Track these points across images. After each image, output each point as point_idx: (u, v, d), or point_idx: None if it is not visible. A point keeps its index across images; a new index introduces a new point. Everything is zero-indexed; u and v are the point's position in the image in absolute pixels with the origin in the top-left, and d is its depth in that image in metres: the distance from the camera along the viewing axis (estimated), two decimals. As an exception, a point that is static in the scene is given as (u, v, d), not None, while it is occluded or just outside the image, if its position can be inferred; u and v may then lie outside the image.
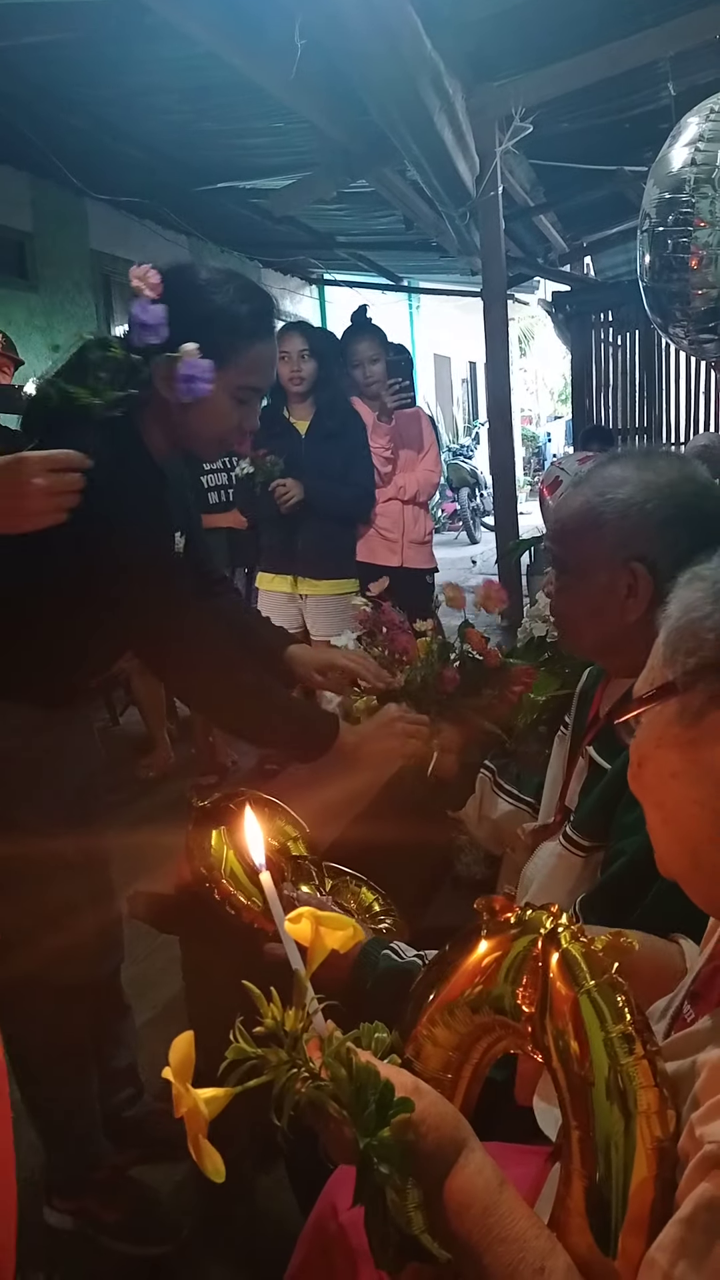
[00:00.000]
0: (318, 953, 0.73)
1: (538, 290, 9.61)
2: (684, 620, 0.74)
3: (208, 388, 1.39)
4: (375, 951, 1.18)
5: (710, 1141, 0.63)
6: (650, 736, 0.75)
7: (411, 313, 12.56)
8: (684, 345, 2.76)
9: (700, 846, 0.73)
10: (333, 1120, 0.68)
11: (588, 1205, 0.68)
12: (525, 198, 5.55)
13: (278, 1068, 0.69)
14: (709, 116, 2.44)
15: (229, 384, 1.44)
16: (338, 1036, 0.72)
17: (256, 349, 1.45)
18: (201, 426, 1.47)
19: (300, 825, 1.43)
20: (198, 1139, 0.66)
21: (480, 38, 3.60)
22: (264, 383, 1.50)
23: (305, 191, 4.70)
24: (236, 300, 1.44)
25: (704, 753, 0.71)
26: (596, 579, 1.23)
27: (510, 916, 0.78)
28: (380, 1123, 0.67)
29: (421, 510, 3.99)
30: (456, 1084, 0.81)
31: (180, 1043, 0.67)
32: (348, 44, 2.90)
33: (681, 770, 0.73)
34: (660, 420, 7.88)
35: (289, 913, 0.74)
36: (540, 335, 17.47)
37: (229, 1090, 0.68)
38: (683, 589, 0.76)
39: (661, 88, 3.98)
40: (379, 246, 7.10)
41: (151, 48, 3.47)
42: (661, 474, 1.23)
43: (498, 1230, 0.68)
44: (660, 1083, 0.69)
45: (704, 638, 0.72)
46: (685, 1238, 0.63)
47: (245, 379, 1.45)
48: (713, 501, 1.23)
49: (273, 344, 1.52)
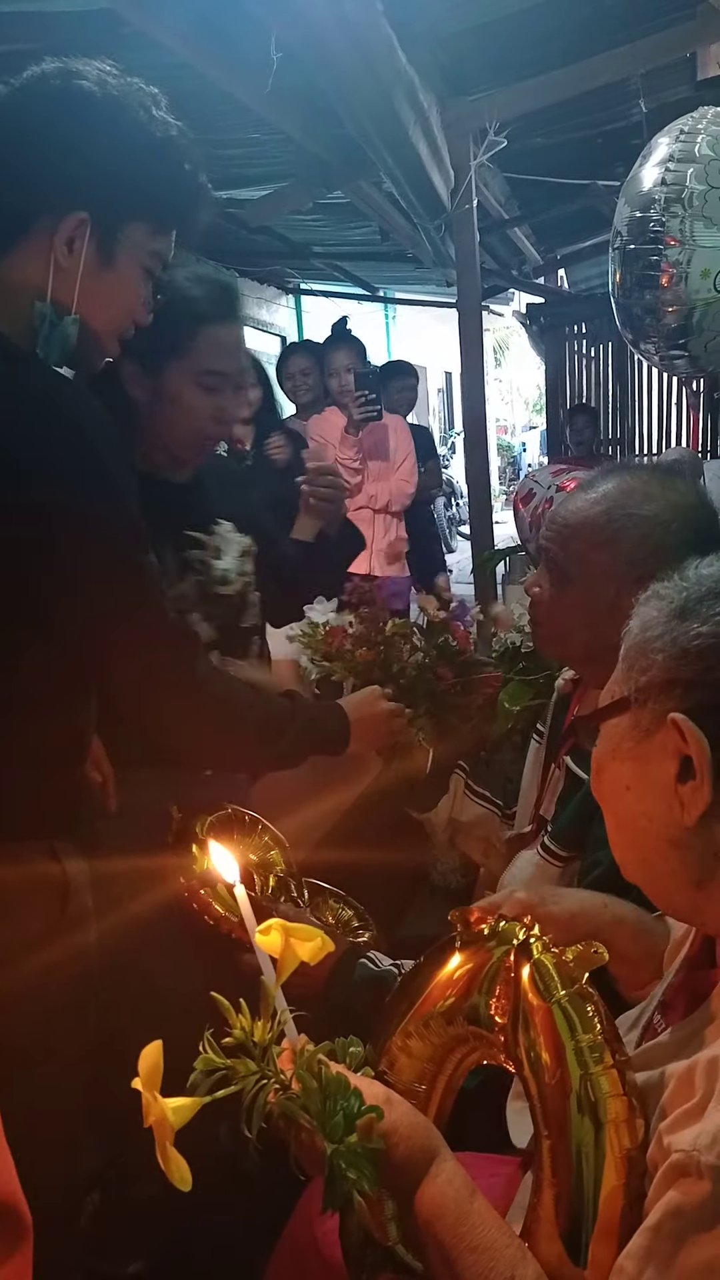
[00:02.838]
0: (287, 963, 0.73)
1: (512, 302, 9.69)
2: (640, 638, 0.76)
3: None
4: (351, 961, 1.18)
5: (677, 1150, 0.64)
6: (607, 748, 0.77)
7: (388, 323, 12.61)
8: (655, 361, 2.79)
9: (649, 856, 0.75)
10: (304, 1131, 0.69)
11: (558, 1213, 0.69)
12: (500, 210, 5.60)
13: (246, 1078, 0.69)
14: (679, 137, 2.48)
15: (191, 371, 1.40)
16: (310, 1048, 0.72)
17: (214, 331, 1.41)
18: (176, 425, 1.43)
19: (280, 841, 1.43)
20: (165, 1147, 0.67)
21: (455, 53, 3.64)
22: (229, 367, 1.44)
23: (281, 202, 4.72)
24: (188, 284, 1.39)
25: (652, 768, 0.73)
26: (603, 591, 1.18)
27: (484, 928, 0.79)
28: (348, 1129, 0.68)
29: (394, 520, 4.01)
30: (430, 1095, 0.82)
31: (149, 1052, 0.67)
32: (323, 57, 2.92)
33: (633, 783, 0.75)
34: (633, 432, 7.96)
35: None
36: (515, 346, 17.60)
37: (197, 1100, 0.69)
38: (643, 606, 0.78)
39: (633, 104, 4.03)
40: (355, 257, 7.12)
41: (128, 58, 3.46)
42: (684, 496, 1.20)
43: (469, 1239, 0.69)
44: (629, 1092, 0.70)
45: (653, 657, 0.74)
46: (652, 1245, 0.64)
47: (205, 363, 1.41)
48: (718, 528, 1.22)
49: (234, 328, 1.45)
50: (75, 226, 1.06)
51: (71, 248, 1.06)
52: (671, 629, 0.73)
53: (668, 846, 0.73)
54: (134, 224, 1.10)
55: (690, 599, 0.74)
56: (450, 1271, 0.69)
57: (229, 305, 1.44)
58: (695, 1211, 0.62)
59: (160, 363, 1.39)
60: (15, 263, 1.07)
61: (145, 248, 1.12)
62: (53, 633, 1.08)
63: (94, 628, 1.09)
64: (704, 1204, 0.61)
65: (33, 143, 1.05)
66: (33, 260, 1.07)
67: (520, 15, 3.34)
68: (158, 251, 1.15)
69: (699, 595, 0.74)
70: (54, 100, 1.06)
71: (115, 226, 1.08)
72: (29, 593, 1.04)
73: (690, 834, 0.71)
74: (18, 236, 1.06)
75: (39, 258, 1.07)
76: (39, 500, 1.01)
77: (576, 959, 0.74)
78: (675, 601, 0.75)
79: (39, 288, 1.07)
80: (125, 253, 1.10)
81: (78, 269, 1.07)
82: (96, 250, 1.08)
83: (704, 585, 0.74)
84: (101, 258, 1.08)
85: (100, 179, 1.06)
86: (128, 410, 1.41)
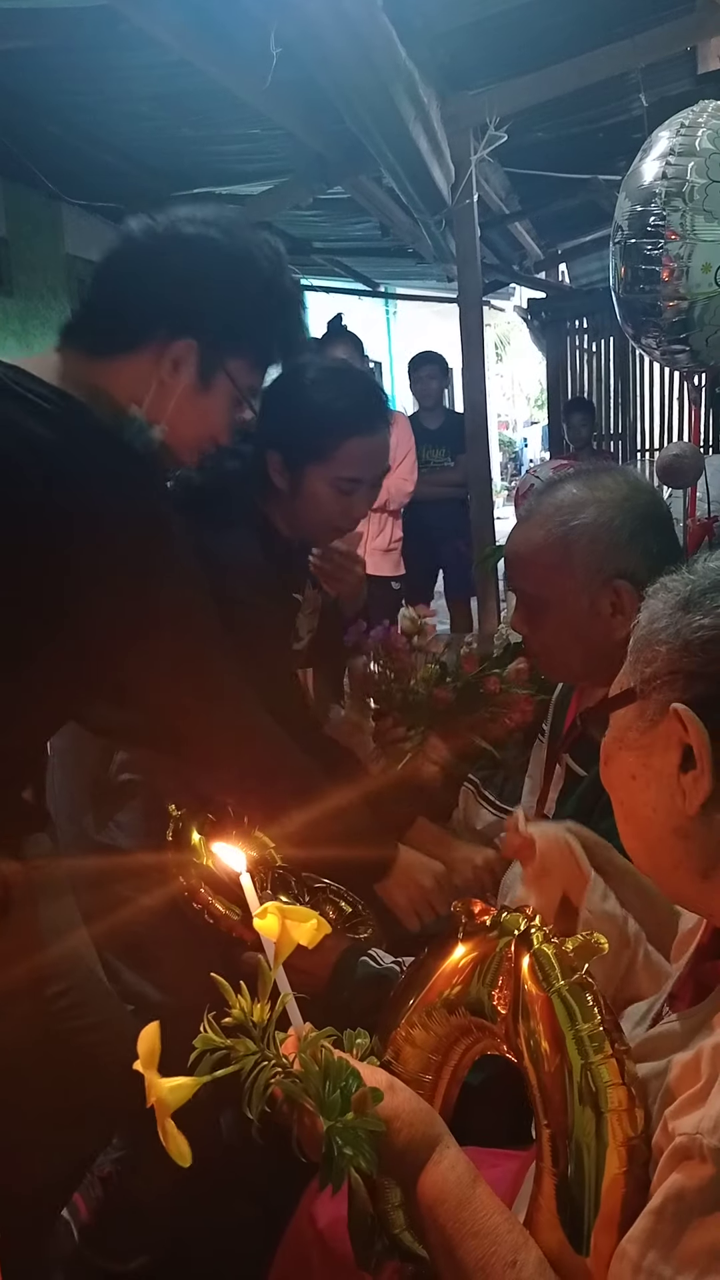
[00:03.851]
0: (284, 946, 0.74)
1: (513, 297, 9.68)
2: (647, 630, 0.77)
3: None
4: (353, 958, 1.18)
5: (681, 1134, 0.64)
6: (614, 737, 0.79)
7: (389, 318, 12.59)
8: (656, 356, 2.79)
9: (655, 846, 0.76)
10: (306, 1114, 0.70)
11: (559, 1201, 0.70)
12: (500, 205, 5.59)
13: (246, 1058, 0.70)
14: (679, 131, 2.47)
15: (329, 476, 1.48)
16: (314, 1034, 0.73)
17: (356, 444, 1.48)
18: (308, 515, 1.52)
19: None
20: (165, 1124, 0.68)
21: (454, 48, 3.63)
22: (364, 474, 1.51)
23: (281, 197, 4.72)
24: (336, 397, 1.49)
25: (656, 759, 0.74)
26: (577, 605, 1.22)
27: (486, 919, 0.79)
28: (345, 1107, 0.69)
29: (390, 517, 3.99)
30: (436, 1086, 0.82)
31: (148, 1033, 0.68)
32: (322, 53, 2.92)
33: (638, 773, 0.76)
34: (634, 426, 7.95)
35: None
36: (516, 341, 17.56)
37: (196, 1079, 0.70)
38: (651, 599, 0.78)
39: (634, 98, 4.02)
40: (355, 252, 7.12)
41: (127, 54, 3.46)
42: (614, 490, 1.24)
43: (471, 1224, 0.70)
44: (629, 1081, 0.71)
45: (658, 649, 0.75)
46: (655, 1228, 0.64)
47: (343, 471, 1.49)
48: (662, 505, 1.26)
49: (374, 438, 1.52)
50: (183, 351, 1.17)
51: (177, 369, 1.17)
52: (676, 621, 0.74)
53: (672, 836, 0.74)
54: (236, 360, 1.21)
55: (695, 591, 0.75)
56: (452, 1257, 0.70)
57: (374, 418, 1.52)
58: (698, 1195, 0.62)
59: (302, 462, 1.49)
60: (125, 369, 1.17)
61: (241, 381, 1.23)
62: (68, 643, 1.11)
63: None
64: (707, 1187, 0.62)
65: (162, 274, 1.17)
66: (140, 371, 1.17)
67: (520, 10, 3.34)
68: (252, 386, 1.26)
69: (703, 588, 0.74)
70: (186, 241, 1.18)
71: (219, 359, 1.19)
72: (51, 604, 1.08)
73: (694, 823, 0.72)
74: (134, 346, 1.17)
75: (145, 370, 1.17)
76: (73, 531, 1.06)
77: (577, 949, 0.74)
78: (680, 594, 0.75)
79: (138, 396, 1.17)
80: (222, 383, 1.21)
81: (176, 388, 1.18)
82: (196, 375, 1.18)
83: (708, 578, 0.75)
84: (200, 383, 1.19)
85: (215, 316, 1.18)
86: (268, 490, 1.52)
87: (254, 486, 1.53)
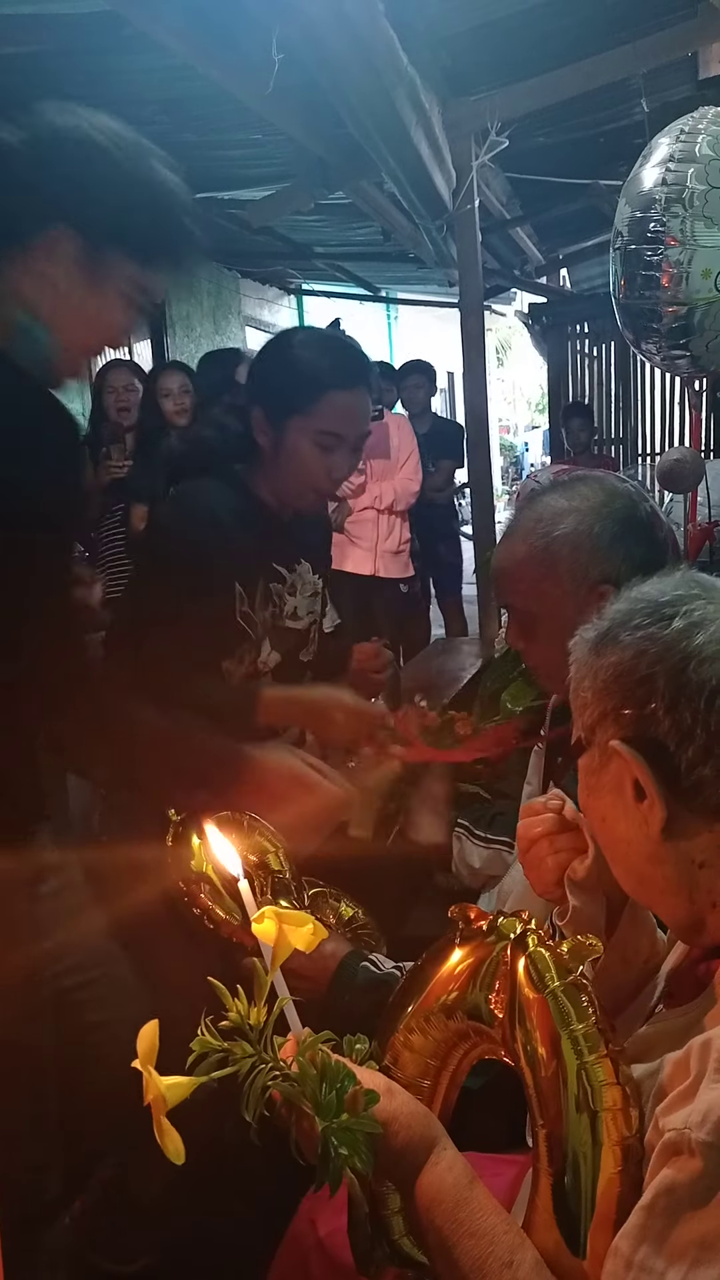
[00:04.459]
0: (281, 951, 0.75)
1: (514, 301, 9.69)
2: (574, 681, 0.81)
3: None
4: (354, 963, 1.18)
5: (670, 1129, 0.65)
6: (583, 786, 0.82)
7: (390, 323, 12.60)
8: (656, 361, 2.79)
9: (642, 879, 0.79)
10: (304, 1117, 0.70)
11: (555, 1201, 0.70)
12: (501, 210, 5.60)
13: (243, 1060, 0.71)
14: (679, 137, 2.48)
15: (310, 430, 1.51)
16: (312, 1037, 0.73)
17: (337, 396, 1.52)
18: (290, 474, 1.55)
19: (278, 839, 1.43)
20: (160, 1122, 0.68)
21: (456, 53, 3.64)
22: (344, 430, 1.55)
23: (283, 203, 4.72)
24: (319, 354, 1.55)
25: (615, 796, 0.77)
26: (565, 614, 1.21)
27: (483, 924, 0.80)
28: (341, 1108, 0.69)
29: (398, 519, 4.01)
30: (434, 1090, 0.82)
31: (146, 1031, 0.69)
32: (324, 58, 2.93)
33: (607, 814, 0.79)
34: (635, 431, 7.96)
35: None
36: (517, 345, 17.58)
37: (194, 1079, 0.70)
38: (573, 650, 0.82)
39: (635, 104, 4.03)
40: (357, 257, 7.12)
41: (128, 59, 3.47)
42: (590, 497, 1.26)
43: (468, 1224, 0.70)
44: (623, 1081, 0.71)
45: (584, 695, 0.79)
46: (646, 1223, 0.65)
47: (324, 425, 1.52)
48: (643, 507, 1.27)
49: (354, 393, 1.56)
50: (60, 238, 1.14)
51: (52, 258, 1.14)
52: (591, 666, 0.78)
53: (649, 864, 0.77)
54: (115, 249, 1.17)
55: (600, 635, 0.79)
56: (449, 1258, 0.70)
57: (353, 374, 1.55)
58: (687, 1189, 0.63)
59: (284, 417, 1.52)
60: (4, 272, 1.15)
61: (125, 275, 1.19)
62: None
63: None
64: (696, 1181, 0.63)
65: (28, 165, 1.16)
66: (20, 271, 1.15)
67: (521, 15, 3.34)
68: (138, 282, 1.22)
69: (606, 629, 0.79)
70: (54, 132, 1.19)
71: (98, 248, 1.16)
72: None
73: (662, 848, 0.75)
74: (8, 246, 1.14)
75: (25, 268, 1.15)
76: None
77: (571, 951, 0.75)
78: (591, 640, 0.80)
79: (27, 299, 1.15)
80: (106, 275, 1.17)
81: (58, 281, 1.15)
82: (76, 266, 1.15)
83: (614, 618, 0.79)
84: (81, 275, 1.16)
85: (85, 204, 1.15)
86: (252, 451, 1.56)
87: (235, 455, 1.59)
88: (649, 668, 0.74)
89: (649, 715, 0.73)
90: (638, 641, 0.75)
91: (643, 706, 0.74)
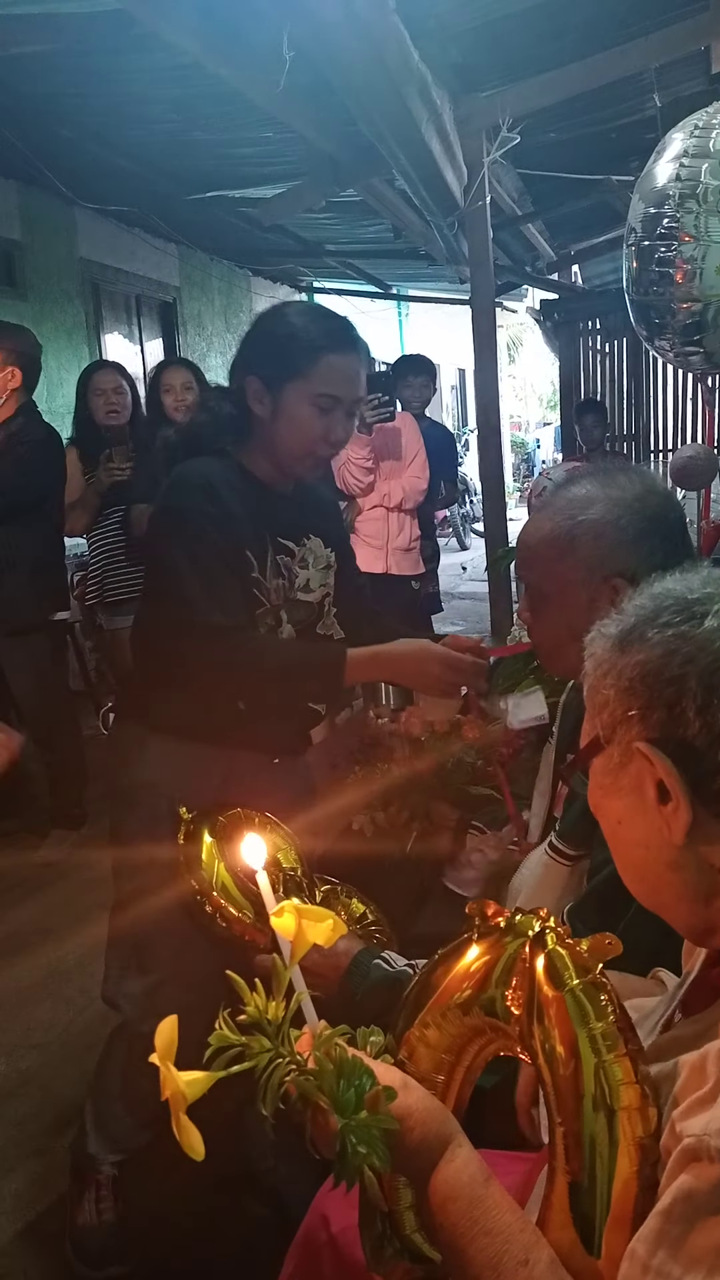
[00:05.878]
0: (300, 946, 0.75)
1: (526, 298, 9.67)
2: (593, 678, 0.79)
3: None
4: (366, 961, 1.18)
5: (689, 1136, 0.64)
6: (596, 786, 0.80)
7: (401, 320, 12.59)
8: (669, 358, 2.77)
9: (655, 884, 0.78)
10: (320, 1112, 0.70)
11: (571, 1200, 0.70)
12: (513, 207, 5.58)
13: (260, 1054, 0.71)
14: (693, 133, 2.46)
15: (308, 392, 1.56)
16: (329, 1032, 0.73)
17: (332, 359, 1.57)
18: (289, 438, 1.59)
19: (291, 838, 1.43)
20: (179, 1118, 0.68)
21: (467, 49, 3.63)
22: (341, 392, 1.59)
23: (294, 201, 4.73)
24: (312, 321, 1.61)
25: (635, 798, 0.75)
26: (576, 600, 1.23)
27: (500, 921, 0.80)
28: (359, 1105, 0.69)
29: (408, 517, 4.01)
30: (449, 1085, 0.82)
31: (165, 1027, 0.69)
32: (335, 56, 2.93)
33: (623, 816, 0.78)
34: (648, 428, 7.93)
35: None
36: (529, 342, 17.54)
37: (212, 1074, 0.70)
38: (591, 645, 0.80)
39: (647, 99, 4.01)
40: (368, 255, 7.12)
41: (140, 58, 3.48)
42: (627, 489, 1.24)
43: (483, 1223, 0.70)
44: (642, 1080, 0.71)
45: (606, 694, 0.76)
46: (663, 1228, 0.65)
47: (321, 387, 1.56)
48: (676, 510, 1.26)
49: (349, 356, 1.60)
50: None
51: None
52: (615, 664, 0.76)
53: (667, 870, 0.75)
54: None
55: (625, 631, 0.76)
56: (463, 1255, 0.70)
57: (347, 340, 1.61)
58: (706, 1195, 0.63)
59: (282, 381, 1.57)
60: None
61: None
62: None
63: None
64: (715, 1188, 0.62)
65: None
66: None
67: (532, 11, 3.33)
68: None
69: (632, 625, 0.76)
70: None
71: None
72: None
73: (683, 854, 0.73)
74: None
75: None
76: None
77: (590, 949, 0.74)
78: (614, 637, 0.77)
79: None
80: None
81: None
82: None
83: (636, 615, 0.77)
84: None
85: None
86: (242, 430, 1.62)
87: (227, 435, 1.63)
88: (680, 667, 0.72)
89: (678, 716, 0.71)
90: (668, 640, 0.73)
91: (672, 707, 0.72)
